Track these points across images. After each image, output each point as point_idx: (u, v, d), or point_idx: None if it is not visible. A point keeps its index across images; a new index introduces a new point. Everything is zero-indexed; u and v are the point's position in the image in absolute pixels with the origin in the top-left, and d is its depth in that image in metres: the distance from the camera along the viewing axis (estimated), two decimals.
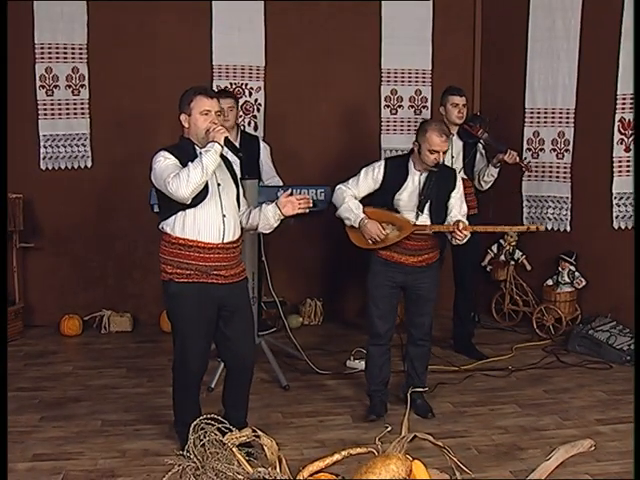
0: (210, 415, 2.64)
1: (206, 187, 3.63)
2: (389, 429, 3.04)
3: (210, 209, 3.68)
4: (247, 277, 3.99)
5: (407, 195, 4.26)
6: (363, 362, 5.15)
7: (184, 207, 3.64)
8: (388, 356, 4.47)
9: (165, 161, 3.64)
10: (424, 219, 4.25)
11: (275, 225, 3.90)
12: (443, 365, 5.22)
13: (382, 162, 4.37)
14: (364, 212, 4.29)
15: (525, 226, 4.43)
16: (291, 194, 3.86)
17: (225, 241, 3.72)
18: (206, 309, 3.73)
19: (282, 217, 3.86)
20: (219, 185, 3.73)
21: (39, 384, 4.96)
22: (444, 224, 4.24)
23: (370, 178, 4.33)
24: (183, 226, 3.68)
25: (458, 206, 4.30)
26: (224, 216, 3.71)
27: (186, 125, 3.72)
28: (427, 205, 4.24)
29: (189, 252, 3.68)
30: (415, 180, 4.27)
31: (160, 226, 3.78)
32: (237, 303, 3.82)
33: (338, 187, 4.40)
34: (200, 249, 3.68)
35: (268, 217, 3.85)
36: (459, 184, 4.35)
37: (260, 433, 2.61)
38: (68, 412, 4.48)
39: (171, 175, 3.56)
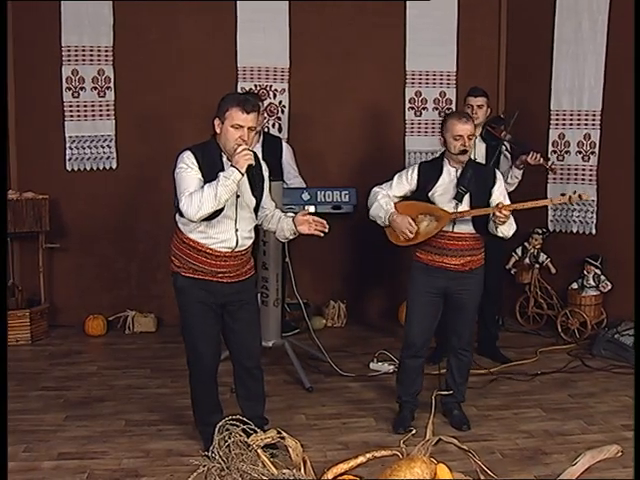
0: (234, 416, 2.64)
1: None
2: (413, 432, 3.02)
3: (223, 223, 3.68)
4: (254, 274, 3.98)
5: (443, 188, 4.16)
6: (387, 364, 5.21)
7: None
8: (422, 368, 4.40)
9: (186, 170, 3.59)
10: (463, 209, 4.12)
11: (290, 237, 3.91)
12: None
13: (416, 165, 4.31)
14: (395, 207, 4.21)
15: (567, 196, 4.18)
16: (310, 213, 3.84)
17: (235, 250, 3.73)
18: (211, 302, 3.75)
19: (297, 234, 3.85)
20: (238, 197, 3.69)
21: (64, 384, 4.98)
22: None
23: (404, 180, 4.26)
24: (194, 231, 3.69)
25: (501, 200, 4.14)
26: (237, 230, 3.72)
27: (217, 131, 3.64)
28: (467, 197, 4.11)
29: (197, 255, 3.70)
30: (451, 174, 4.18)
31: (176, 217, 3.76)
32: (243, 298, 3.83)
33: (373, 190, 4.33)
34: (208, 255, 3.69)
35: (284, 229, 3.85)
36: (500, 179, 4.25)
37: (285, 435, 2.61)
38: (92, 412, 4.50)
39: (185, 193, 3.53)
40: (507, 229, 4.10)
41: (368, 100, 6.44)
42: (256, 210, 3.83)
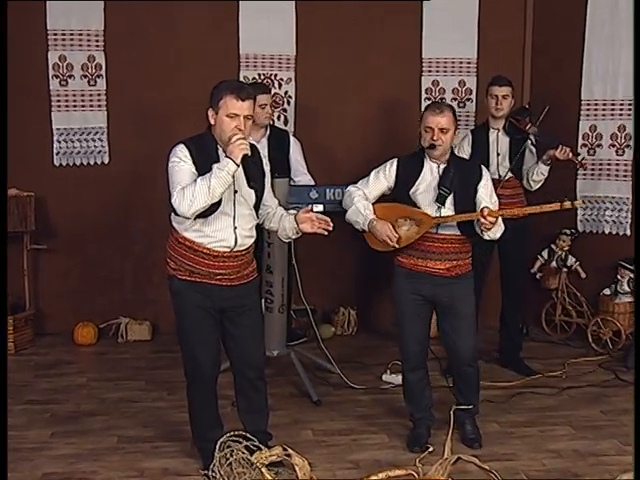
0: (237, 432, 2.63)
1: (219, 199, 3.60)
2: (430, 450, 3.01)
3: (221, 220, 3.67)
4: (257, 278, 3.98)
5: (424, 188, 4.13)
6: (400, 376, 5.12)
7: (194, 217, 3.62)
8: (427, 380, 4.39)
9: (179, 164, 3.60)
10: (446, 213, 4.10)
11: (293, 237, 3.91)
12: (488, 381, 5.12)
13: (394, 159, 4.28)
14: (374, 209, 4.19)
15: (557, 203, 4.06)
16: (311, 210, 3.83)
17: (234, 250, 3.73)
18: (210, 307, 3.74)
19: (300, 233, 3.85)
20: (236, 192, 3.70)
21: (50, 397, 4.97)
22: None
23: (382, 176, 4.24)
24: (190, 229, 3.69)
25: (487, 198, 4.14)
26: (235, 227, 3.71)
27: (212, 122, 3.65)
28: (450, 199, 4.10)
29: (194, 256, 3.69)
30: (433, 171, 4.14)
31: (170, 217, 3.77)
32: (244, 303, 3.83)
33: (347, 189, 4.34)
34: (206, 255, 3.69)
35: (286, 228, 3.86)
36: (486, 175, 4.21)
37: (291, 452, 2.59)
38: (81, 427, 4.49)
39: (178, 187, 3.54)
40: (494, 232, 4.07)
41: (381, 90, 6.43)
42: (257, 207, 3.83)
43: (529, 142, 5.30)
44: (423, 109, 4.22)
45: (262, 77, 6.34)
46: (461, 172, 4.14)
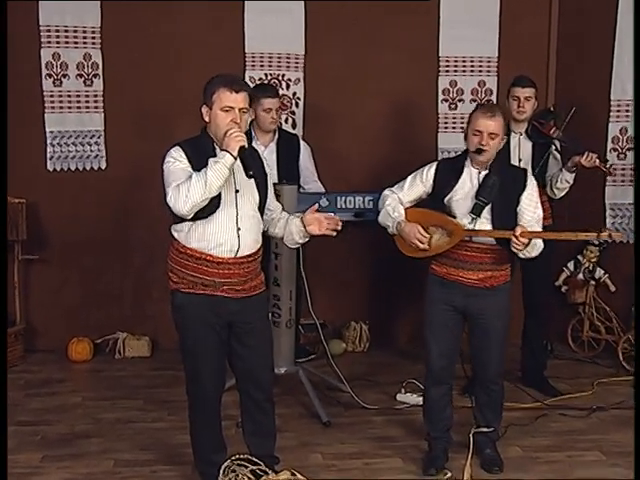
0: (242, 455, 2.59)
1: (219, 196, 3.61)
2: (448, 475, 2.99)
3: (222, 221, 3.67)
4: (266, 290, 3.99)
5: (462, 196, 4.13)
6: (415, 396, 5.21)
7: (194, 219, 3.63)
8: (450, 397, 4.37)
9: (174, 164, 3.63)
10: (482, 226, 4.09)
11: (300, 242, 3.90)
12: (510, 402, 5.04)
13: (435, 163, 4.31)
14: (406, 214, 4.21)
15: (595, 233, 4.06)
16: (318, 210, 3.84)
17: (238, 256, 3.71)
18: (215, 323, 3.73)
19: (308, 236, 3.84)
20: (237, 192, 3.70)
21: (42, 417, 4.96)
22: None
23: (419, 180, 4.25)
24: (191, 236, 3.68)
25: (531, 211, 4.14)
26: (239, 229, 3.69)
27: (207, 119, 3.70)
28: (488, 209, 4.09)
29: (197, 264, 3.69)
30: (472, 178, 4.15)
31: (170, 229, 3.79)
32: (251, 318, 3.81)
33: (383, 192, 4.36)
34: (208, 262, 3.68)
35: (292, 232, 3.86)
36: (531, 185, 4.19)
37: (300, 477, 2.56)
38: (75, 450, 4.48)
39: (173, 185, 3.56)
40: (530, 251, 4.04)
41: (395, 91, 6.42)
42: (261, 208, 3.82)
43: (553, 147, 5.29)
44: (473, 109, 4.20)
45: (269, 77, 6.34)
46: (503, 180, 4.12)
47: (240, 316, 3.76)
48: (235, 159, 3.51)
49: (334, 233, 3.80)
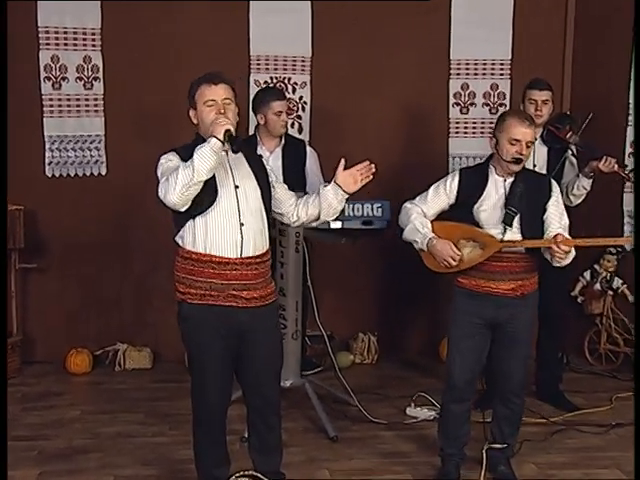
0: (247, 471, 2.57)
1: (215, 190, 3.64)
2: None
3: (223, 216, 3.67)
4: (277, 301, 3.99)
5: (489, 206, 4.12)
6: (426, 410, 5.23)
7: (192, 215, 3.65)
8: (469, 414, 4.34)
9: (166, 164, 3.70)
10: (513, 236, 4.08)
11: (340, 208, 3.88)
12: (525, 417, 4.86)
13: (456, 172, 4.29)
14: (433, 228, 4.19)
15: (628, 238, 4.12)
16: (346, 165, 3.83)
17: (244, 255, 3.69)
18: (224, 335, 3.72)
19: (347, 196, 3.84)
20: (237, 187, 3.72)
21: (39, 432, 4.95)
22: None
23: (442, 191, 4.24)
24: (194, 237, 3.69)
25: (557, 218, 4.13)
26: (242, 224, 3.69)
27: (195, 121, 3.76)
28: (516, 218, 4.08)
29: (202, 268, 3.68)
30: (498, 187, 4.15)
31: (175, 239, 3.80)
32: (262, 330, 3.80)
33: (404, 205, 4.34)
34: (214, 264, 3.67)
35: (329, 200, 3.83)
36: (556, 192, 4.20)
37: None
38: (74, 466, 4.46)
39: (163, 179, 3.62)
40: (567, 259, 4.04)
41: (405, 95, 6.43)
42: (266, 205, 3.81)
43: (570, 152, 5.27)
44: (504, 116, 4.18)
45: (274, 81, 6.34)
46: (529, 188, 4.11)
47: (250, 327, 3.74)
48: (222, 143, 3.53)
49: (370, 177, 3.84)
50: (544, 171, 5.20)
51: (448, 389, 4.29)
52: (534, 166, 5.17)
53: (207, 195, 3.59)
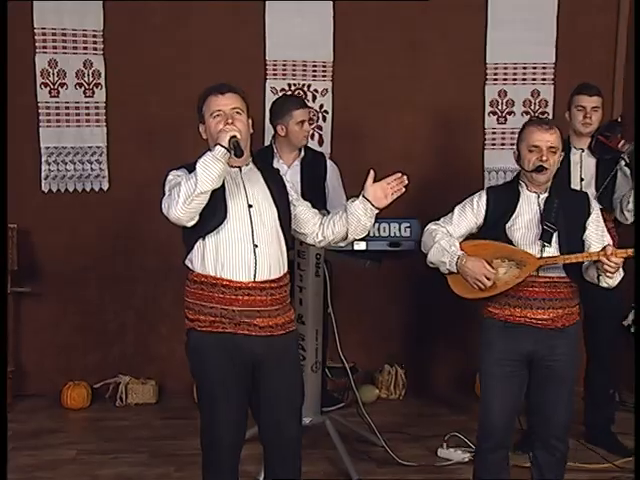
0: None
1: (224, 207, 3.65)
2: None
3: (235, 237, 3.67)
4: (296, 330, 3.94)
5: (523, 224, 4.05)
6: (460, 451, 5.22)
7: (201, 234, 3.65)
8: (507, 461, 4.22)
9: (174, 180, 3.71)
10: (551, 253, 4.00)
11: (369, 225, 3.84)
12: (573, 462, 4.87)
13: (482, 191, 4.25)
14: (462, 248, 4.11)
15: None
16: (376, 178, 3.80)
17: (258, 279, 3.66)
18: (237, 366, 3.68)
19: (376, 211, 3.80)
20: (250, 206, 3.71)
21: (31, 474, 4.92)
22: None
23: (469, 211, 4.17)
24: (203, 259, 3.68)
25: (598, 237, 4.06)
26: (255, 246, 3.65)
27: (204, 136, 3.79)
28: (555, 236, 4.01)
29: (212, 292, 3.66)
30: (532, 203, 4.08)
31: (185, 262, 3.79)
32: (279, 361, 3.76)
33: (427, 228, 4.28)
34: (225, 288, 3.64)
35: (359, 216, 3.79)
36: (596, 209, 4.14)
37: None
38: None
39: (167, 193, 3.66)
40: (615, 279, 3.95)
41: (435, 103, 6.45)
42: (284, 226, 3.78)
43: (623, 162, 5.19)
44: (523, 125, 4.15)
45: (293, 88, 6.37)
46: (566, 204, 4.06)
47: (266, 358, 3.70)
48: (228, 151, 3.51)
49: (402, 190, 3.79)
50: (592, 185, 5.19)
51: (483, 436, 4.19)
52: (581, 180, 5.19)
53: (215, 211, 3.61)
